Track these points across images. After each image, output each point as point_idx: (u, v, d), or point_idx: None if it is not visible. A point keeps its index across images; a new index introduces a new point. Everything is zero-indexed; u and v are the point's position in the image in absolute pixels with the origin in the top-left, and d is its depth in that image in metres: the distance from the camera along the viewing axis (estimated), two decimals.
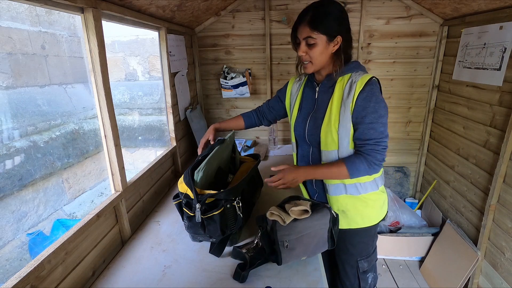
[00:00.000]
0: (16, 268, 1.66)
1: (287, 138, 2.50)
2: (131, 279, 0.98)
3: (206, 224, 1.06)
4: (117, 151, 1.14)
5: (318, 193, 1.19)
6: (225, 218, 1.05)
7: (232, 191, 1.06)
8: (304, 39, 1.00)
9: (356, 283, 1.22)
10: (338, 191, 1.11)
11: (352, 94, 0.99)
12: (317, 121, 1.08)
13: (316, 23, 0.97)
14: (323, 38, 0.99)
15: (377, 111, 0.98)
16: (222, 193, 1.03)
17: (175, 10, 1.61)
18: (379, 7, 2.14)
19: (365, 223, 1.15)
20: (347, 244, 1.18)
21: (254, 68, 2.36)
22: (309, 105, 1.15)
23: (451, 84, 2.05)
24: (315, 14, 0.97)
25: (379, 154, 0.99)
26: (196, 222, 1.05)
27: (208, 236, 1.10)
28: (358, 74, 1.03)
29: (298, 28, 1.01)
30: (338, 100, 1.03)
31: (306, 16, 0.99)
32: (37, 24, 2.01)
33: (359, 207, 1.12)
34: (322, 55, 1.02)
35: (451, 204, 2.06)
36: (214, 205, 1.05)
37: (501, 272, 1.57)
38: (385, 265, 2.15)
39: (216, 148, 1.21)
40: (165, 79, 1.74)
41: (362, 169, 1.01)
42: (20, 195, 1.76)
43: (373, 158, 0.99)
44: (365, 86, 0.98)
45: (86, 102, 2.43)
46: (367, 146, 1.00)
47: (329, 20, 0.98)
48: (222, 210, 1.04)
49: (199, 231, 1.08)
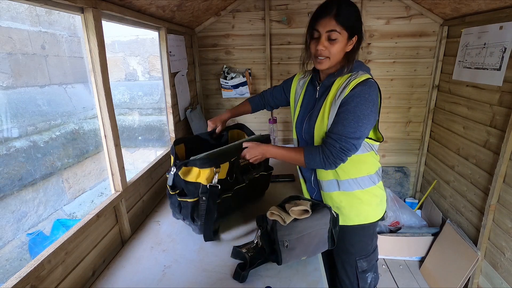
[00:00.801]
0: (16, 268, 1.66)
1: (287, 138, 2.50)
2: (131, 279, 0.98)
3: (182, 206, 1.12)
4: (117, 151, 1.14)
5: (316, 191, 1.19)
6: (196, 208, 1.09)
7: (209, 160, 1.05)
8: (327, 32, 0.96)
9: (355, 282, 1.22)
10: (331, 187, 1.12)
11: (344, 93, 0.98)
12: (312, 120, 1.09)
13: (343, 18, 0.94)
14: (345, 35, 0.97)
15: (355, 111, 0.95)
16: (198, 160, 1.05)
17: (175, 10, 1.61)
18: (379, 7, 2.15)
19: (361, 220, 1.15)
20: (346, 243, 1.18)
21: (254, 68, 2.36)
22: (309, 104, 1.15)
23: (451, 84, 2.05)
24: (341, 9, 0.94)
25: (336, 151, 0.97)
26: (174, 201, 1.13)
27: (181, 218, 1.17)
28: (357, 74, 1.02)
29: (321, 21, 0.96)
30: (332, 99, 1.02)
31: (331, 10, 0.94)
32: (37, 24, 2.01)
33: (353, 203, 1.12)
34: (340, 52, 1.00)
35: (451, 204, 2.06)
36: (190, 192, 1.08)
37: (501, 272, 1.57)
38: (385, 265, 2.15)
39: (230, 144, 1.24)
40: (165, 79, 1.74)
41: (317, 160, 1.00)
42: (20, 195, 1.76)
43: (329, 152, 0.97)
44: (356, 85, 0.97)
45: (86, 102, 2.43)
46: (329, 139, 0.99)
47: (353, 17, 0.97)
48: (196, 200, 1.07)
49: (176, 209, 1.15)
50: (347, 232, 1.16)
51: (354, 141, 0.97)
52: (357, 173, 1.09)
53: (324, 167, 1.02)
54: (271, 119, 2.26)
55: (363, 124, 0.96)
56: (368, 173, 1.10)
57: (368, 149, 1.08)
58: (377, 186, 1.14)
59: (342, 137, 0.96)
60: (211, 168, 1.05)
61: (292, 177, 1.72)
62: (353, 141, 0.97)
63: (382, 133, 1.10)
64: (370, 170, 1.11)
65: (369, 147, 1.08)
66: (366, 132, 0.99)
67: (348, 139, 0.96)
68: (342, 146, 0.97)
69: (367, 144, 1.07)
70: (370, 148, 1.08)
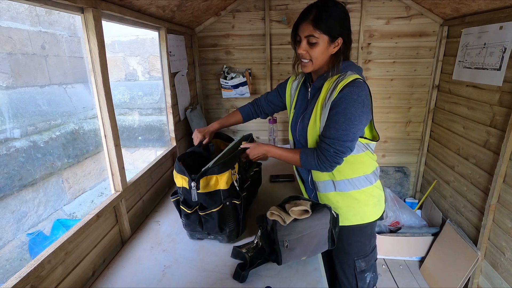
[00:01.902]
0: (16, 268, 1.66)
1: (287, 138, 2.50)
2: (131, 279, 0.98)
3: (204, 221, 1.07)
4: (117, 151, 1.14)
5: (314, 192, 1.19)
6: (223, 215, 1.05)
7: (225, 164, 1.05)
8: (305, 37, 0.99)
9: (354, 282, 1.22)
10: (328, 188, 1.12)
11: (333, 95, 0.98)
12: (305, 122, 1.09)
13: (319, 23, 0.96)
14: (325, 38, 0.98)
15: (345, 114, 0.95)
16: (215, 167, 1.03)
17: (175, 10, 1.61)
18: (379, 7, 2.15)
19: (358, 220, 1.15)
20: (344, 244, 1.18)
21: (254, 68, 2.36)
22: (302, 106, 1.15)
23: (451, 84, 2.05)
24: (319, 13, 0.96)
25: (330, 156, 0.99)
26: (193, 219, 1.06)
27: (206, 233, 1.11)
28: (346, 74, 1.01)
29: (300, 25, 1.00)
30: (322, 101, 1.03)
31: (309, 14, 0.97)
32: (37, 24, 2.01)
33: (350, 204, 1.12)
34: (322, 55, 1.01)
35: (451, 204, 2.06)
36: (213, 201, 1.05)
37: (501, 272, 1.57)
38: (385, 265, 2.15)
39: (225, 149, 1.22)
40: (165, 79, 1.74)
41: (312, 163, 1.03)
42: (20, 195, 1.76)
43: (323, 157, 1.00)
44: (344, 87, 0.97)
45: (86, 102, 2.43)
46: (322, 143, 1.00)
47: (332, 21, 0.97)
48: (221, 207, 1.04)
49: (197, 228, 1.09)
50: (344, 232, 1.16)
51: (347, 144, 0.98)
52: (352, 174, 1.09)
53: (320, 170, 1.04)
54: (271, 119, 2.27)
55: (354, 126, 0.97)
56: (364, 173, 1.10)
57: (363, 149, 1.08)
58: (374, 186, 1.13)
59: (335, 141, 0.98)
60: (228, 171, 1.05)
61: (292, 177, 1.72)
62: (347, 144, 0.98)
63: (380, 133, 1.10)
64: (366, 170, 1.11)
65: (364, 147, 1.08)
66: (358, 133, 1.00)
67: (341, 142, 0.97)
68: (336, 150, 0.98)
69: (362, 144, 1.07)
70: (365, 148, 1.08)
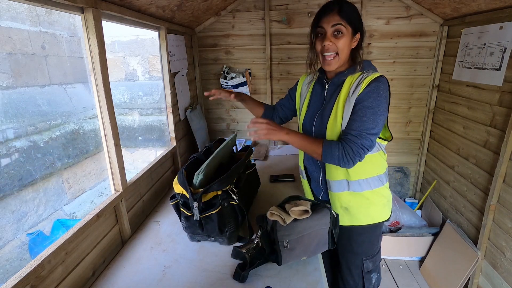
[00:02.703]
0: (16, 268, 1.66)
1: None
2: (131, 279, 0.98)
3: (204, 223, 1.07)
4: (117, 151, 1.14)
5: (323, 191, 1.19)
6: (222, 217, 1.05)
7: (225, 180, 1.06)
8: (332, 26, 0.98)
9: (360, 283, 1.22)
10: (341, 188, 1.11)
11: (358, 90, 0.99)
12: (324, 118, 1.08)
13: (346, 13, 0.98)
14: (350, 30, 0.99)
15: (372, 107, 0.96)
16: (215, 184, 1.03)
17: (175, 10, 1.61)
18: (379, 7, 2.14)
19: (368, 220, 1.15)
20: (352, 243, 1.18)
21: (254, 68, 2.35)
22: (318, 103, 1.14)
23: (451, 84, 2.05)
24: (344, 6, 0.99)
25: (356, 148, 0.96)
26: (194, 221, 1.05)
27: (206, 235, 1.10)
28: (369, 72, 1.03)
29: (324, 17, 0.99)
30: (344, 97, 1.02)
31: (334, 7, 0.99)
32: (37, 24, 2.01)
33: (362, 204, 1.12)
34: (346, 48, 1.01)
35: (451, 204, 2.06)
36: (212, 204, 1.05)
37: (501, 272, 1.57)
38: (385, 265, 2.15)
39: (217, 150, 1.21)
40: (165, 79, 1.74)
41: (335, 155, 0.98)
42: (20, 195, 1.76)
43: (349, 148, 0.96)
44: (371, 82, 0.98)
45: (86, 102, 2.43)
46: (348, 135, 0.98)
47: (355, 15, 1.00)
48: (220, 209, 1.04)
49: (197, 230, 1.09)
50: (354, 232, 1.16)
51: (372, 137, 0.97)
52: (368, 173, 1.08)
53: (339, 164, 0.99)
54: None
55: (380, 120, 0.97)
56: (378, 173, 1.10)
57: (378, 148, 1.08)
58: (384, 186, 1.14)
59: (362, 133, 0.96)
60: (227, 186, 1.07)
61: (292, 177, 1.72)
62: (372, 137, 0.97)
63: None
64: (379, 170, 1.11)
65: (378, 146, 1.08)
66: (381, 128, 1.00)
67: (368, 135, 0.96)
68: (362, 142, 0.96)
69: (377, 143, 1.07)
70: (379, 147, 1.09)
